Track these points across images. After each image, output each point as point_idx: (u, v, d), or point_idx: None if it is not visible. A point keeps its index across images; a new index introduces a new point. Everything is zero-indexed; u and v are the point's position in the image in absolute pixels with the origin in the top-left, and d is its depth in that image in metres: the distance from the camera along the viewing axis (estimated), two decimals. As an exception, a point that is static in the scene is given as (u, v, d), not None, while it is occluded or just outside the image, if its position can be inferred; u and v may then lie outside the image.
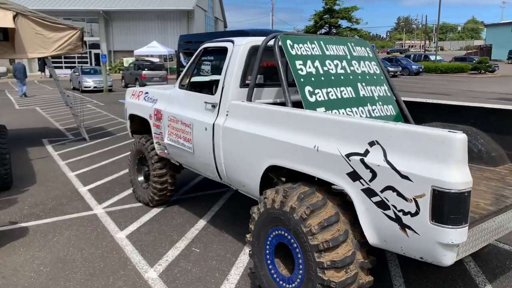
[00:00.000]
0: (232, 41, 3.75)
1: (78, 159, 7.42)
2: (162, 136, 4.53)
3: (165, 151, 4.56)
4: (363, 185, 2.19)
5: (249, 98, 3.51)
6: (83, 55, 35.87)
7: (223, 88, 3.63)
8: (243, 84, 3.60)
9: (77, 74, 22.85)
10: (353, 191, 2.23)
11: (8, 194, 5.40)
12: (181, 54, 13.17)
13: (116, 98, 19.09)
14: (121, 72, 29.29)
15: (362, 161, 2.19)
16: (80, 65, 28.76)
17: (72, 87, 23.50)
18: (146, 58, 28.40)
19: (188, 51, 12.73)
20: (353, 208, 2.31)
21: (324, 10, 45.57)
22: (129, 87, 24.58)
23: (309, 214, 2.34)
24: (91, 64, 35.41)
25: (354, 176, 2.23)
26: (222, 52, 3.87)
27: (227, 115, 3.53)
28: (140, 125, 5.28)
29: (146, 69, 23.31)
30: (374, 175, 2.13)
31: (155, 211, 4.84)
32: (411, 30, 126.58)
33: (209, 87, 4.21)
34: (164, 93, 4.64)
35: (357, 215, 2.27)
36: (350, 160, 2.25)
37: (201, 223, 4.46)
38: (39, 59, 23.86)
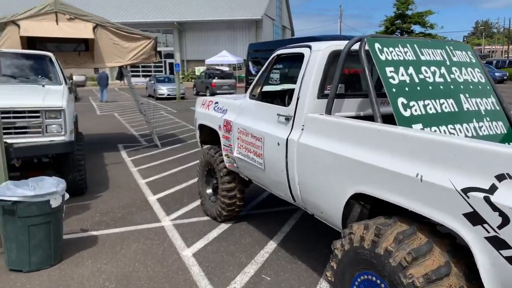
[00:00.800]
0: (309, 47, 3.39)
1: (150, 166, 7.51)
2: (231, 149, 4.28)
3: (234, 164, 4.31)
4: (489, 232, 1.68)
5: (329, 111, 3.11)
6: (158, 64, 37.82)
7: (298, 99, 3.27)
8: (321, 95, 3.22)
9: (152, 82, 23.98)
10: (473, 238, 1.73)
11: (82, 199, 5.51)
12: (250, 63, 13.11)
13: (187, 105, 19.64)
14: (193, 80, 30.33)
15: (486, 199, 1.68)
16: (155, 73, 30.28)
17: (147, 94, 24.70)
18: (217, 67, 29.15)
19: (257, 60, 12.62)
20: (469, 257, 1.81)
21: (396, 15, 43.26)
22: (200, 95, 25.55)
23: (411, 261, 1.87)
24: (165, 73, 37.18)
25: (474, 218, 1.72)
26: (297, 59, 3.52)
27: (302, 129, 3.17)
28: (209, 136, 5.10)
29: (216, 78, 23.90)
30: (505, 220, 1.61)
31: (222, 226, 4.60)
32: (491, 35, 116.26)
33: (282, 98, 3.89)
34: (234, 103, 4.40)
35: (475, 268, 1.76)
36: (468, 197, 1.75)
37: (271, 245, 4.11)
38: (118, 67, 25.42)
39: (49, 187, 3.49)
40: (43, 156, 5.17)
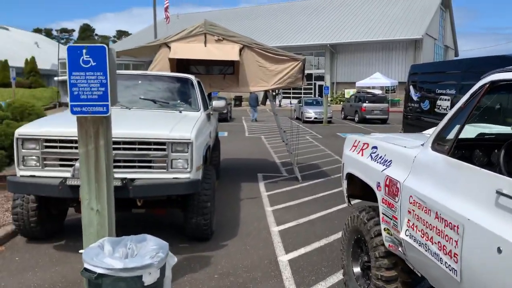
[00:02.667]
0: None
1: (286, 206, 6.51)
2: (396, 224, 2.83)
3: (399, 248, 2.84)
4: None
5: None
6: (308, 86, 37.74)
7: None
8: None
9: (300, 104, 23.63)
10: None
11: (204, 248, 4.73)
12: (410, 87, 11.31)
13: (334, 130, 18.45)
14: (341, 103, 29.06)
15: None
16: (304, 96, 30.11)
17: (295, 116, 24.42)
18: (368, 90, 27.30)
19: (420, 82, 10.76)
20: None
21: None
22: (348, 119, 24.08)
23: None
24: (315, 95, 36.75)
25: None
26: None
27: None
28: (361, 190, 3.75)
29: (366, 101, 22.28)
30: None
31: (373, 331, 3.14)
32: None
33: (504, 158, 2.29)
34: (405, 153, 2.96)
35: None
36: None
37: None
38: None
39: (144, 256, 2.65)
40: (163, 196, 4.55)
